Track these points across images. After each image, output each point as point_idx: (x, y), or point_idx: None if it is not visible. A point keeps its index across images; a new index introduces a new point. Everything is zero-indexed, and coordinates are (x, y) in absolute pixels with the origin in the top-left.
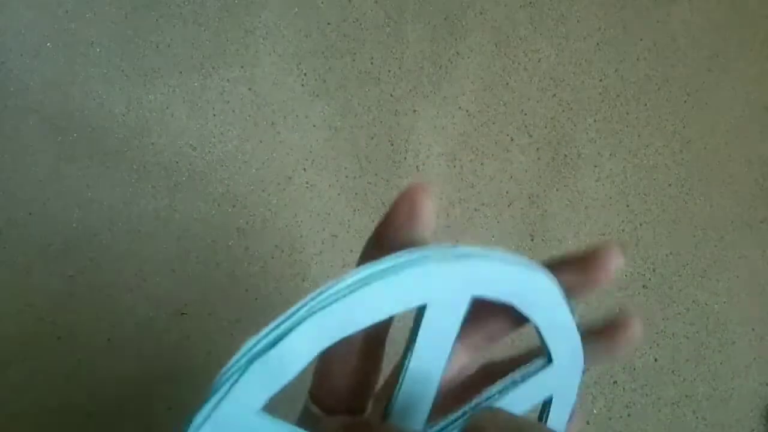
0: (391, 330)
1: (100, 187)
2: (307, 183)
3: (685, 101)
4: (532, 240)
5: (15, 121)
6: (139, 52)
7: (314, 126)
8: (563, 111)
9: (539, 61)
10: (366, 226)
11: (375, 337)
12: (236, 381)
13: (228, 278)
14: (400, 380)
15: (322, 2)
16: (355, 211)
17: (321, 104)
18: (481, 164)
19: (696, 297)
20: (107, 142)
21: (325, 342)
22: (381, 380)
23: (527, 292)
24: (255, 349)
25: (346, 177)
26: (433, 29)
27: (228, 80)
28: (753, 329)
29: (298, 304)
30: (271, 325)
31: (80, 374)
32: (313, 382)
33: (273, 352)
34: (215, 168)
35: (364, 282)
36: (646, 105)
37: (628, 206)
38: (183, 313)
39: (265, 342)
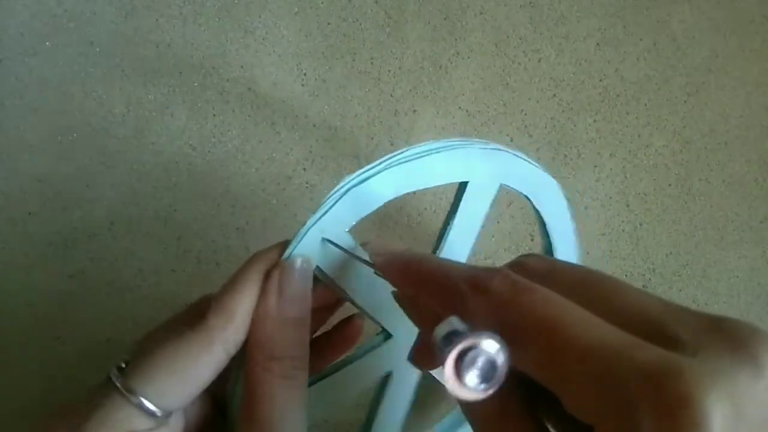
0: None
1: (100, 187)
2: (306, 183)
3: (685, 101)
4: (532, 240)
5: (14, 120)
6: (139, 52)
7: (314, 126)
8: (563, 111)
9: (539, 61)
10: (365, 226)
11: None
12: (336, 202)
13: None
14: (441, 246)
15: (322, 2)
16: None
17: (321, 104)
18: None
19: (696, 297)
20: (107, 142)
21: (396, 191)
22: None
23: (542, 191)
24: (350, 184)
25: None
26: (433, 29)
27: (228, 80)
28: None
29: (383, 159)
30: (362, 170)
31: (80, 374)
32: None
33: (362, 187)
34: (215, 168)
35: (429, 152)
36: (646, 105)
37: (628, 206)
38: None
39: (357, 180)
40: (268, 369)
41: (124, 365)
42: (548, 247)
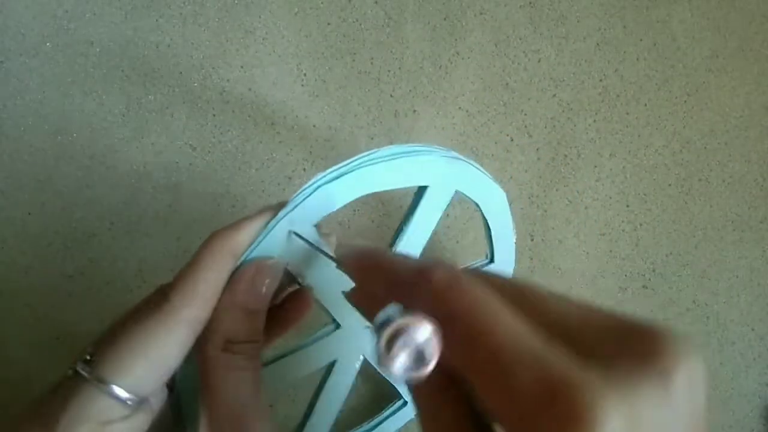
0: None
1: (100, 187)
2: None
3: (685, 101)
4: (532, 240)
5: (15, 120)
6: (139, 52)
7: (314, 126)
8: (563, 111)
9: (539, 61)
10: (365, 226)
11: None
12: (306, 198)
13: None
14: (397, 244)
15: (322, 2)
16: (354, 211)
17: (321, 104)
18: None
19: (696, 297)
20: (107, 142)
21: (363, 190)
22: None
23: (491, 200)
24: (321, 181)
25: None
26: (433, 29)
27: (228, 80)
28: (753, 329)
29: (353, 159)
30: (332, 169)
31: None
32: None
33: (331, 185)
34: (215, 168)
35: (395, 156)
36: (646, 105)
37: (628, 206)
38: None
39: (328, 178)
40: (228, 350)
41: (89, 357)
42: (491, 254)
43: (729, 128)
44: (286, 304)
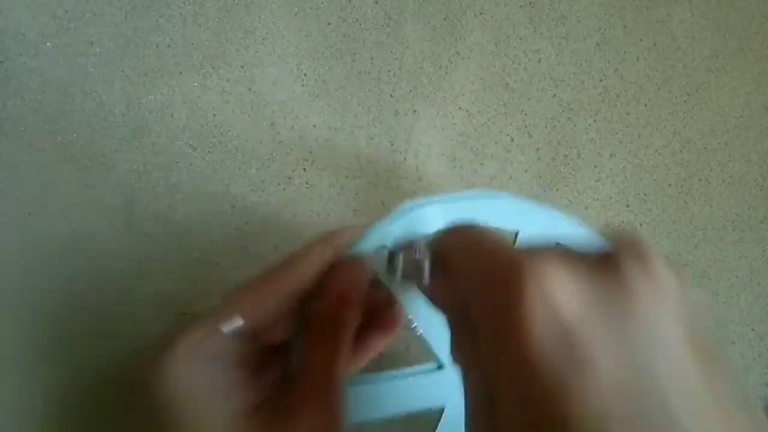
0: None
1: (100, 187)
2: (307, 183)
3: (685, 101)
4: None
5: (15, 120)
6: (139, 52)
7: (314, 126)
8: (563, 111)
9: (539, 61)
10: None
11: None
12: (399, 217)
13: (228, 278)
14: None
15: (322, 2)
16: (355, 211)
17: (321, 104)
18: (481, 164)
19: None
20: (107, 142)
21: (443, 222)
22: None
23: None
24: (411, 206)
25: (346, 177)
26: (433, 29)
27: (228, 80)
28: (753, 329)
29: (439, 195)
30: (423, 198)
31: (80, 375)
32: None
33: (418, 209)
34: (215, 168)
35: (476, 198)
36: (646, 105)
37: (628, 206)
38: (183, 313)
39: (417, 204)
40: (316, 322)
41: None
42: None
43: (729, 128)
44: (374, 312)
